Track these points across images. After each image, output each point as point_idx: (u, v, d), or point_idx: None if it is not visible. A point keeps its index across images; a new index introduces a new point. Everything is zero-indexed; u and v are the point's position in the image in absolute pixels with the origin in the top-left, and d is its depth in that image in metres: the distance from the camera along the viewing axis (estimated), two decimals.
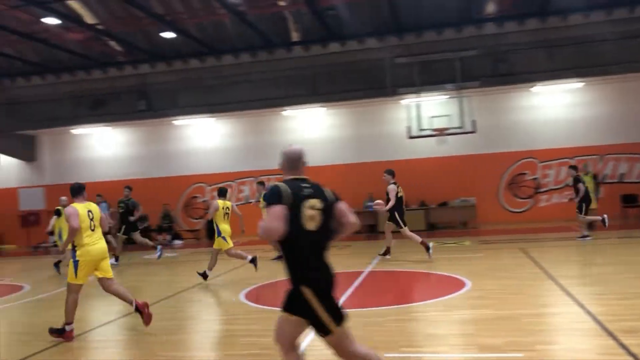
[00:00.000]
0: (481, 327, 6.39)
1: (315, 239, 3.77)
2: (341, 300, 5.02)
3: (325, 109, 19.96)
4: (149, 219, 19.93)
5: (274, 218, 3.60)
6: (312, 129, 20.25)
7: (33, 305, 9.80)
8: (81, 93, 20.67)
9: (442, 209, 18.73)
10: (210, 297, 9.79)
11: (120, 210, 14.74)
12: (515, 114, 19.09)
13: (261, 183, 14.03)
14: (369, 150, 19.41)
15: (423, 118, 17.71)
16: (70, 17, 16.27)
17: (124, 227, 14.59)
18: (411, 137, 17.65)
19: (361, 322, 6.54)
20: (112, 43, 18.99)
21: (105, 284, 7.20)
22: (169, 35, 17.56)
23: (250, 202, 19.94)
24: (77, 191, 7.24)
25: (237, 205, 14.20)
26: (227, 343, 6.69)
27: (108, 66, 20.38)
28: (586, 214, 13.49)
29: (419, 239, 11.50)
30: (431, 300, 7.94)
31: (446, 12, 17.54)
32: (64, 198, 12.94)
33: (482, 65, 17.56)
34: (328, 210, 3.81)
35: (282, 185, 3.78)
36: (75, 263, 6.92)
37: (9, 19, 16.30)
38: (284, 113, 20.21)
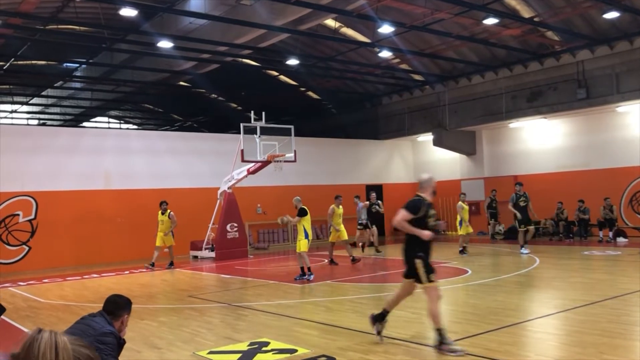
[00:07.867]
0: None
1: None
2: None
3: None
4: (589, 213, 18.98)
5: None
6: None
7: (475, 289, 10.56)
8: (518, 87, 21.07)
9: None
10: None
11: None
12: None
13: None
14: None
15: None
16: (507, 15, 16.78)
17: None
18: None
19: None
20: (549, 33, 18.72)
21: None
22: (612, 15, 16.21)
23: None
24: None
25: None
26: None
27: (545, 57, 20.15)
28: None
29: None
30: None
31: None
32: None
33: None
34: None
35: None
36: None
37: (451, 25, 17.91)
38: None
